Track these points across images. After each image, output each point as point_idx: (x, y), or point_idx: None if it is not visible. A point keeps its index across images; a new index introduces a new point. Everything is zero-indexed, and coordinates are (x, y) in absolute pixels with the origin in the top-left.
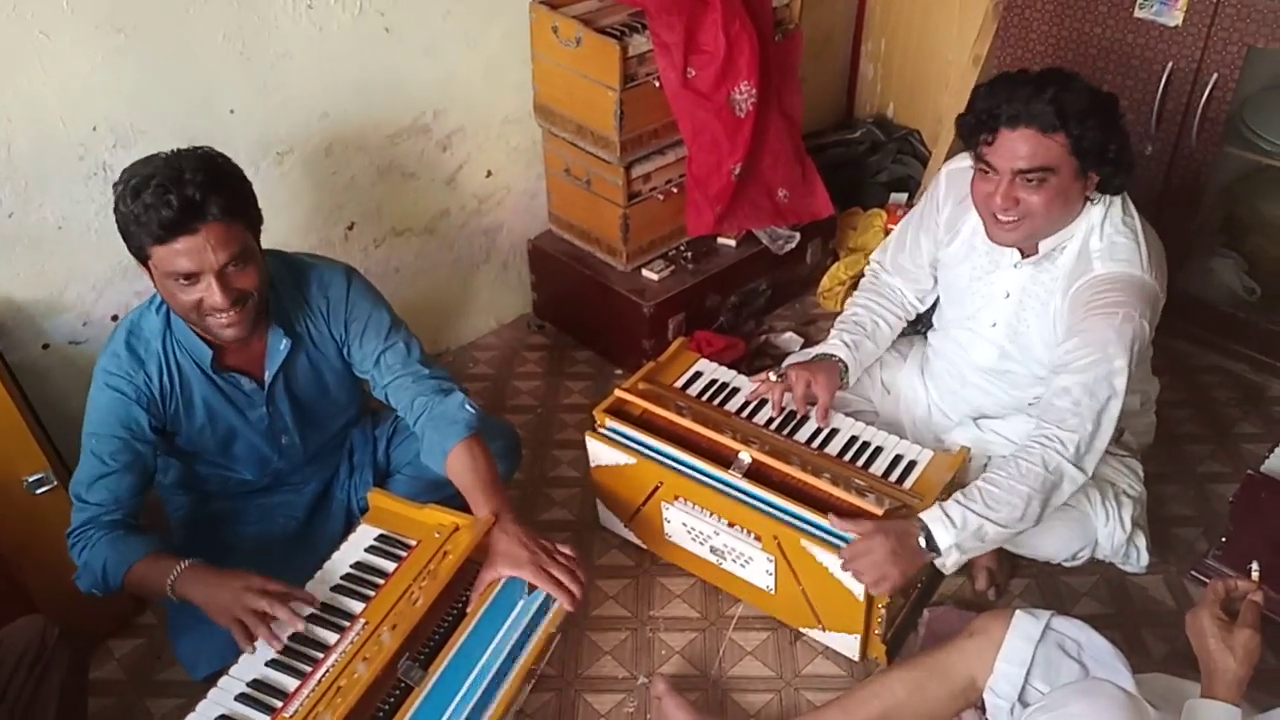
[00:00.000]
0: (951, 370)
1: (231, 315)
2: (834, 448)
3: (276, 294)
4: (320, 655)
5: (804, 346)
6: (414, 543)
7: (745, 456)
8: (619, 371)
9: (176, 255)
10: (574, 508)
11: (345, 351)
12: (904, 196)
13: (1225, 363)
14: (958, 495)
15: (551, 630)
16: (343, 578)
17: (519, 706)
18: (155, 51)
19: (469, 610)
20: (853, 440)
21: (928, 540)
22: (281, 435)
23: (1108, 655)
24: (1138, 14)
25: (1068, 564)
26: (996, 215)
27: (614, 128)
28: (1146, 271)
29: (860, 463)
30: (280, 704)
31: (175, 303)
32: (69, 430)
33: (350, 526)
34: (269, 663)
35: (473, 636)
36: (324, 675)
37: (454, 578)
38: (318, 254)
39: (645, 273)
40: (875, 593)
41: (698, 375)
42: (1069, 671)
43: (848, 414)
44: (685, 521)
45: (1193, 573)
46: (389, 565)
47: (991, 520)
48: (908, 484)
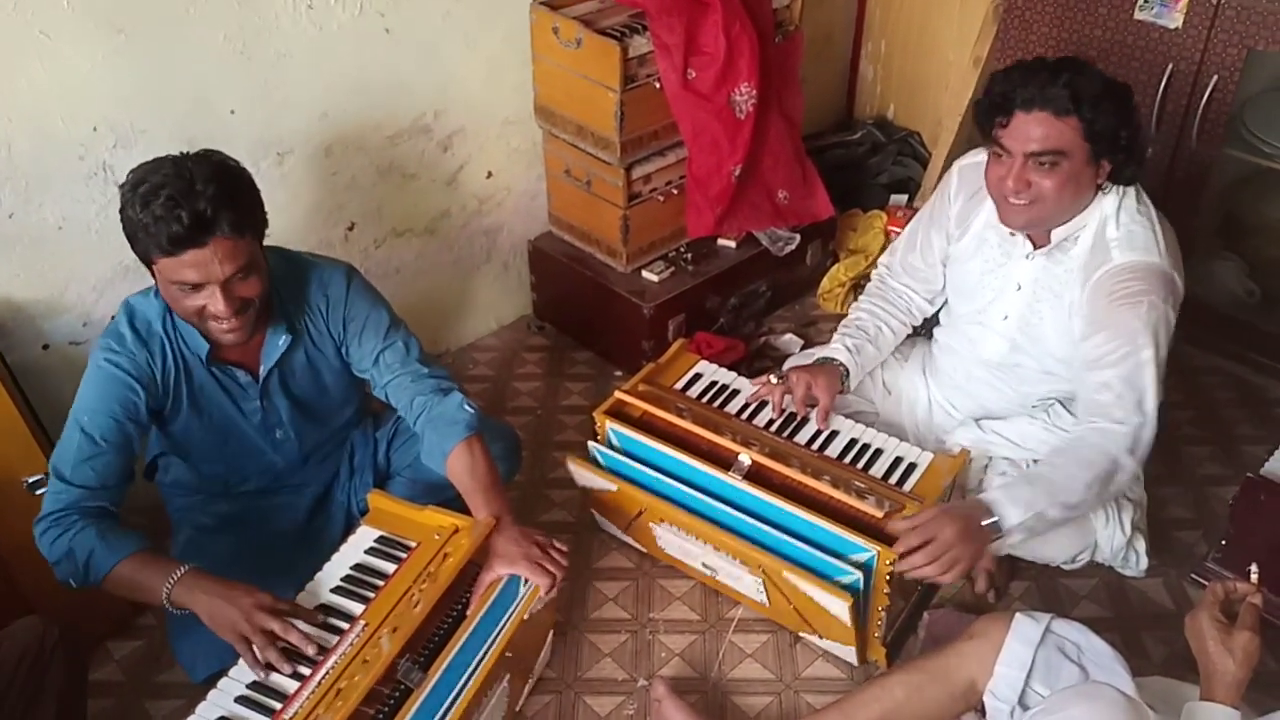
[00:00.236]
0: (958, 366)
1: (233, 322)
2: (834, 450)
3: (278, 290)
4: (320, 657)
5: (804, 348)
6: (414, 545)
7: (745, 458)
8: (619, 373)
9: (183, 266)
10: (574, 509)
11: (344, 350)
12: (904, 198)
13: (1225, 364)
14: (1023, 477)
15: (525, 616)
16: (342, 579)
17: (519, 707)
18: (156, 51)
19: (469, 612)
20: (853, 442)
21: (993, 521)
22: (276, 429)
23: (1107, 658)
24: (1138, 16)
25: (1067, 567)
26: (1008, 198)
27: (614, 129)
28: (1164, 259)
29: (860, 465)
30: (280, 706)
31: (178, 306)
32: None
33: (350, 528)
34: (268, 665)
35: (473, 638)
36: (324, 677)
37: (454, 580)
38: (318, 253)
39: (645, 274)
40: (945, 580)
41: (698, 377)
42: (1069, 674)
43: (848, 414)
44: (674, 540)
45: (1192, 575)
46: (389, 567)
47: (1057, 502)
48: (908, 486)
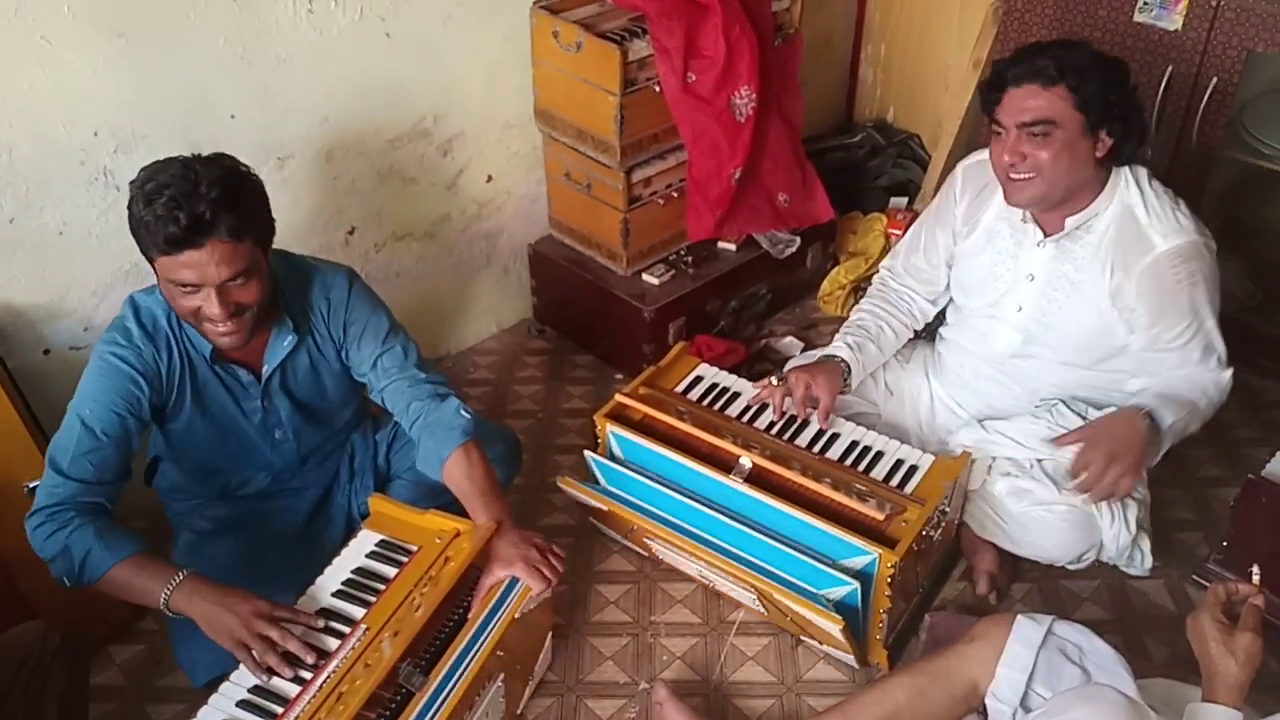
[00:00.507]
0: (965, 363)
1: (229, 325)
2: (835, 452)
3: (282, 293)
4: (321, 661)
5: (804, 350)
6: (415, 548)
7: (746, 461)
8: (619, 376)
9: (179, 267)
10: (574, 512)
11: (344, 354)
12: (904, 201)
13: None
14: (1158, 394)
15: (515, 615)
16: (344, 583)
17: (520, 710)
18: (156, 56)
19: (470, 616)
20: (853, 445)
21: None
22: (275, 430)
23: (1109, 660)
24: (1137, 18)
25: (1072, 566)
26: (1009, 173)
27: (614, 132)
28: (1196, 232)
29: (861, 467)
30: (281, 710)
31: (175, 306)
32: None
33: (351, 532)
34: (268, 670)
35: (474, 642)
36: (325, 681)
37: (455, 584)
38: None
39: (646, 277)
40: (1121, 492)
41: (698, 380)
42: (1071, 676)
43: (850, 416)
44: (669, 554)
45: (1194, 577)
46: (390, 571)
47: (1186, 414)
48: (909, 488)
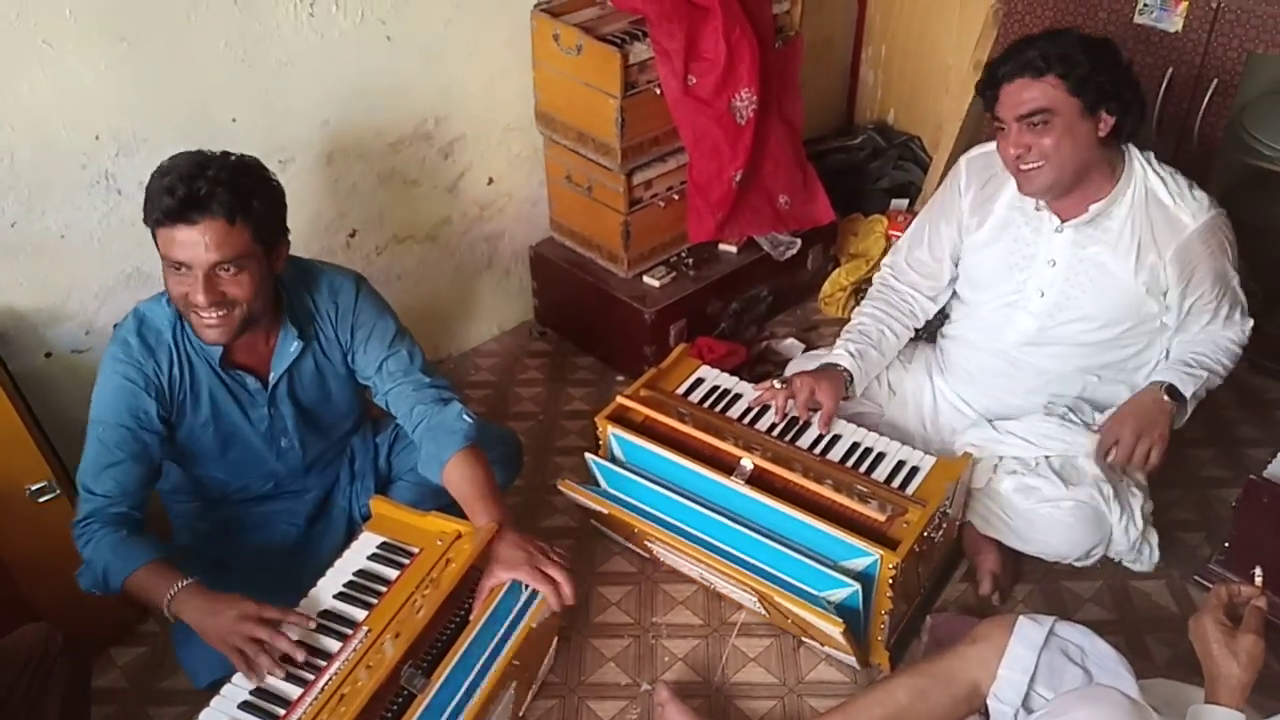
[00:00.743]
0: (971, 357)
1: (212, 317)
2: (836, 454)
3: (289, 297)
4: (323, 663)
5: (805, 351)
6: (416, 550)
7: (747, 463)
8: (620, 378)
9: (172, 242)
10: (576, 514)
11: (350, 358)
12: (905, 202)
13: None
14: (1180, 360)
15: (533, 625)
16: (345, 585)
17: (522, 712)
18: (157, 60)
19: (472, 618)
20: (855, 446)
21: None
22: (281, 438)
23: (1111, 661)
24: (1137, 19)
25: (1079, 563)
26: (1018, 165)
27: (615, 135)
28: (1215, 206)
29: (863, 469)
30: (283, 712)
31: (169, 289)
32: (72, 439)
33: (352, 534)
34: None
35: (475, 644)
36: (327, 683)
37: (457, 585)
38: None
39: (647, 279)
40: (1151, 467)
41: (699, 382)
42: (1073, 677)
43: (852, 416)
44: (670, 556)
45: (1196, 578)
46: (391, 573)
47: (1206, 377)
48: (910, 489)
